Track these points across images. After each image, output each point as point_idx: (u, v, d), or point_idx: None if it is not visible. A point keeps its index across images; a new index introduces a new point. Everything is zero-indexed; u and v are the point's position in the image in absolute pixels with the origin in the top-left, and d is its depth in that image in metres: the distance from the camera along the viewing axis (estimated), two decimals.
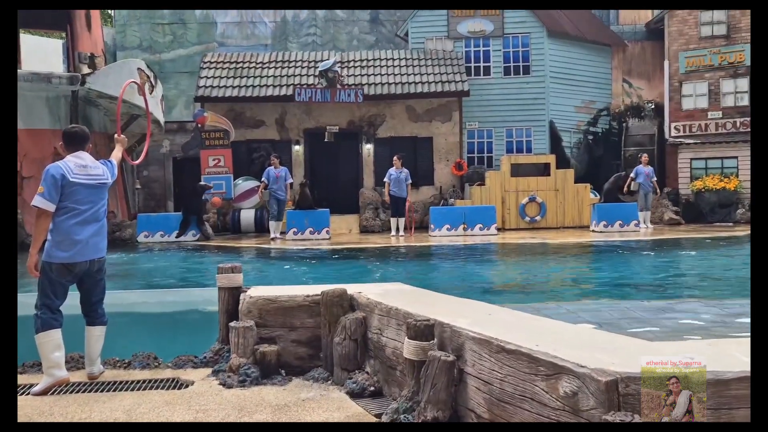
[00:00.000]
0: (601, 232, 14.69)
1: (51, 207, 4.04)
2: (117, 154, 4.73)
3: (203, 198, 15.70)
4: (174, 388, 4.03)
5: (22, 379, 4.29)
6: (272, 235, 14.64)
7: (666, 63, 18.35)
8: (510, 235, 14.68)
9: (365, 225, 16.58)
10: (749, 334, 4.91)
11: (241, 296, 4.54)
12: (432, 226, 15.37)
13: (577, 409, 2.41)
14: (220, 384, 4.02)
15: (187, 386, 4.05)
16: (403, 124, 17.97)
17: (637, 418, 2.22)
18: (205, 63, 18.39)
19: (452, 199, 17.04)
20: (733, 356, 2.53)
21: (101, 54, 16.98)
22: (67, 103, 15.09)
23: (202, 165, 17.00)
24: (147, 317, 5.94)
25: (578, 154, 19.04)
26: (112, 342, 4.54)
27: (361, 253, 12.47)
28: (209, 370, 4.32)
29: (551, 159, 16.84)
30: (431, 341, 3.27)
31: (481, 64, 18.71)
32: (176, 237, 14.86)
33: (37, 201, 4.05)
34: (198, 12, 21.59)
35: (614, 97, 19.97)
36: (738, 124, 17.37)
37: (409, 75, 17.75)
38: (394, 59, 18.38)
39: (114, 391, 4.00)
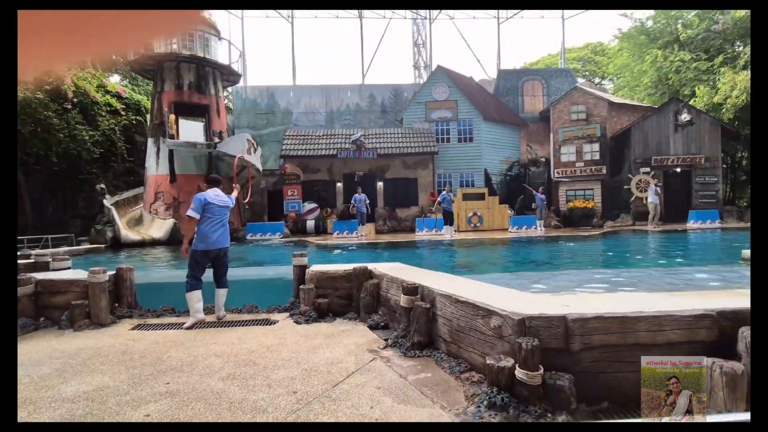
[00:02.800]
0: (515, 232, 14.61)
1: (197, 216, 4.11)
2: (234, 194, 4.81)
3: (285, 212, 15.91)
4: (267, 324, 4.02)
5: (178, 320, 4.30)
6: (360, 233, 14.22)
7: (551, 135, 18.28)
8: (463, 235, 14.58)
9: (379, 229, 16.55)
10: (604, 290, 4.81)
11: (306, 271, 4.55)
12: (417, 229, 15.35)
13: (501, 335, 2.40)
14: (294, 322, 4.03)
15: (274, 323, 4.04)
16: (400, 171, 17.96)
17: (536, 342, 2.20)
18: (286, 136, 18.51)
19: (429, 214, 16.98)
20: (591, 304, 2.51)
21: (225, 131, 17.12)
22: (205, 159, 15.23)
23: (284, 195, 17.09)
24: (251, 282, 5.94)
25: (501, 188, 18.93)
26: (232, 298, 4.55)
27: (377, 245, 12.43)
28: (287, 314, 4.32)
29: (485, 191, 16.77)
30: (416, 296, 3.27)
31: (445, 136, 18.69)
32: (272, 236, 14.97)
33: (189, 212, 4.13)
34: (282, 105, 21.72)
35: (522, 154, 19.89)
36: (592, 170, 17.30)
37: (404, 142, 17.77)
38: (395, 133, 18.41)
39: (231, 327, 4.00)
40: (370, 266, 4.30)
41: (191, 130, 16.38)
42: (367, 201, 14.37)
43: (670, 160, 16.13)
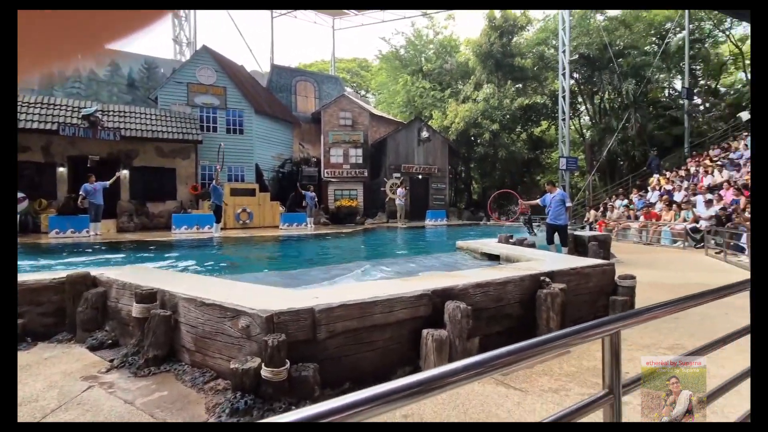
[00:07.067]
0: (286, 230, 14.87)
1: None
2: None
3: None
4: None
5: None
6: (92, 233, 11.40)
7: (322, 136, 19.51)
8: (230, 232, 13.86)
9: (122, 227, 13.90)
10: (355, 279, 5.35)
11: None
12: (174, 227, 13.66)
13: (250, 335, 2.32)
14: None
15: None
16: (153, 159, 15.59)
17: (283, 337, 2.20)
18: None
19: (190, 209, 15.39)
20: (338, 294, 2.71)
21: None
22: None
23: None
24: None
25: (273, 184, 18.95)
26: None
27: (120, 245, 10.40)
28: None
29: (256, 186, 16.45)
30: (154, 303, 2.84)
31: (212, 124, 17.34)
32: None
33: None
34: None
35: (294, 152, 20.44)
36: (356, 172, 19.39)
37: (159, 126, 15.50)
38: (147, 114, 15.86)
39: None
40: (94, 272, 3.51)
41: None
42: (105, 184, 11.77)
43: (414, 168, 19.66)
